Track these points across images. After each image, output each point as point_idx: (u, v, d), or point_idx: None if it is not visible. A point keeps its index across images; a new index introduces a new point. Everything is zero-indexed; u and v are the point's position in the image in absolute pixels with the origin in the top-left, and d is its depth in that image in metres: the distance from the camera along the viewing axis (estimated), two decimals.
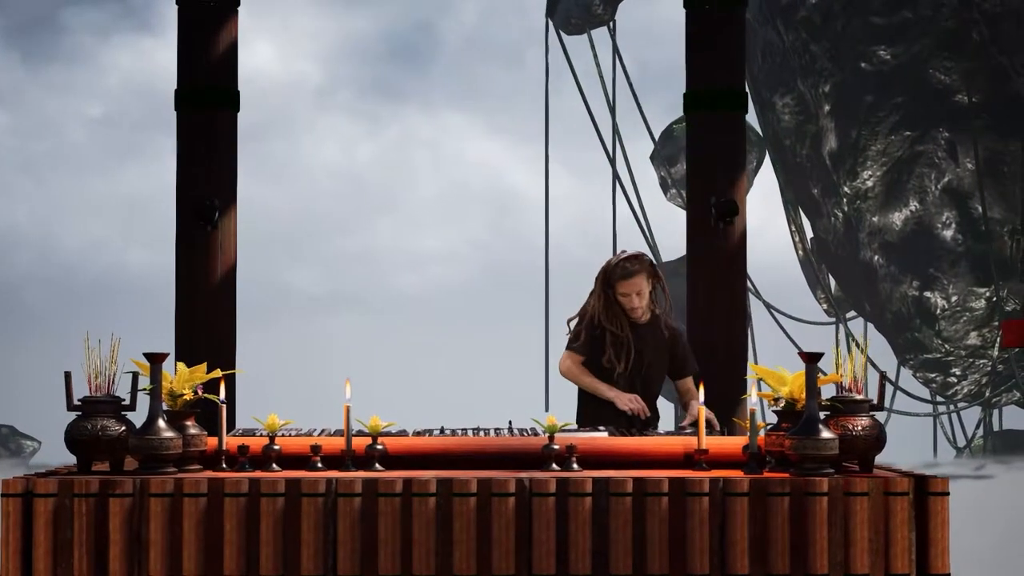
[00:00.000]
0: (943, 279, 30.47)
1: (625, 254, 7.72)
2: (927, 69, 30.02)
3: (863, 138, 30.62)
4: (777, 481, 5.56)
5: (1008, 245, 30.17)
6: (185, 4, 9.48)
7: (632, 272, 7.64)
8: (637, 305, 7.67)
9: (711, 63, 9.27)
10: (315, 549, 5.50)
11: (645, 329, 7.76)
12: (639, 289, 7.65)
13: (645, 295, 7.70)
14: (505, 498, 5.52)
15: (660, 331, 7.79)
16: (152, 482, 5.51)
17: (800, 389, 5.75)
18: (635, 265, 7.65)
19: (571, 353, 7.76)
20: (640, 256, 7.72)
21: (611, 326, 7.68)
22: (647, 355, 7.73)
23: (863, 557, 5.50)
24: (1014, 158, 29.88)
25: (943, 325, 30.61)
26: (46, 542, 5.48)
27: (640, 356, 7.71)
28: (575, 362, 7.74)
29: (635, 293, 7.65)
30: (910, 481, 5.54)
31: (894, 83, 30.22)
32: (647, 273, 7.68)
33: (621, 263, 7.66)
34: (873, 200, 30.81)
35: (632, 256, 7.70)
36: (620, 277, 7.65)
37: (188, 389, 5.89)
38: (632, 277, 7.63)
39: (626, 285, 7.64)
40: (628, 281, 7.64)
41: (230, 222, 9.43)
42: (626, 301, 7.66)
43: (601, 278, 7.72)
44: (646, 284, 7.68)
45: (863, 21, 30.29)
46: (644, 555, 5.51)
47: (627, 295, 7.66)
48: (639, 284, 7.65)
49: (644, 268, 7.67)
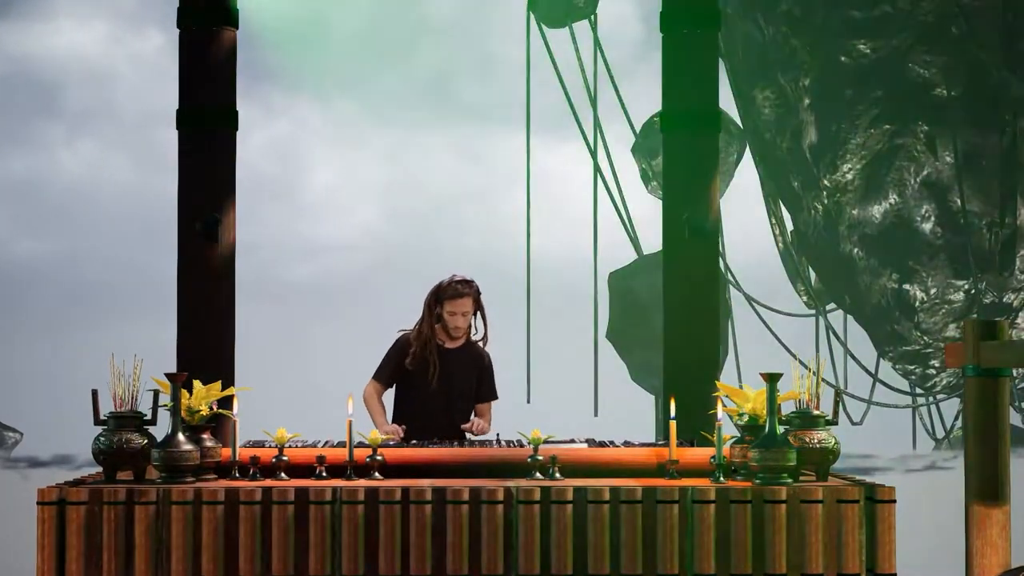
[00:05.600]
0: (922, 272, 30.57)
1: (458, 277, 8.25)
2: (906, 63, 30.10)
3: (843, 132, 30.68)
4: (740, 490, 6.04)
5: (986, 238, 30.28)
6: (185, 27, 9.80)
7: (462, 293, 8.19)
8: (460, 325, 8.22)
9: (686, 84, 9.58)
10: (322, 552, 5.98)
11: (458, 352, 8.30)
12: (465, 310, 8.20)
13: (469, 317, 8.25)
14: (494, 505, 5.99)
15: (472, 356, 8.32)
16: (174, 491, 6.00)
17: (762, 406, 6.23)
18: (466, 288, 8.20)
19: (373, 382, 8.31)
20: (471, 282, 8.26)
21: (423, 349, 8.23)
22: (456, 376, 8.27)
23: (818, 559, 5.99)
24: (992, 152, 30.07)
25: (922, 317, 30.75)
26: (78, 546, 5.96)
27: (450, 377, 8.24)
28: (374, 390, 8.27)
29: (460, 313, 8.20)
30: (860, 490, 6.04)
31: (873, 77, 30.33)
32: (474, 299, 8.24)
33: (454, 284, 8.21)
34: (853, 193, 30.90)
35: (465, 280, 8.24)
36: (450, 296, 8.20)
37: (204, 405, 6.40)
38: (461, 298, 8.19)
39: (454, 304, 8.19)
40: (456, 301, 8.19)
41: (228, 235, 9.72)
42: (451, 320, 8.21)
43: (432, 295, 8.26)
44: (471, 308, 8.24)
45: (843, 15, 30.45)
46: (620, 557, 5.99)
47: (453, 314, 8.20)
48: (465, 306, 8.20)
49: (472, 293, 8.23)
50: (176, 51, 9.89)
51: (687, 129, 9.55)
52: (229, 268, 9.76)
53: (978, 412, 6.22)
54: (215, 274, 9.67)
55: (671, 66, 9.65)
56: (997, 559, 6.14)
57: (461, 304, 8.20)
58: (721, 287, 19.01)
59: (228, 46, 9.80)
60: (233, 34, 9.82)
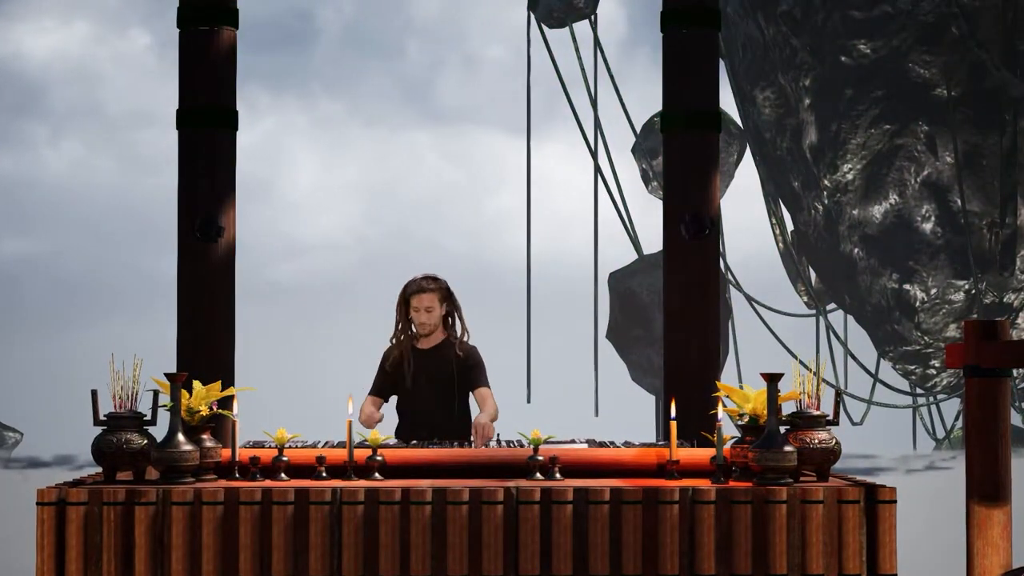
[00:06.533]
0: (922, 272, 30.67)
1: (425, 275, 8.32)
2: (907, 63, 30.22)
3: (843, 131, 30.79)
4: (741, 490, 6.03)
5: (987, 238, 30.39)
6: (185, 27, 9.82)
7: (424, 288, 8.26)
8: (424, 321, 8.26)
9: (687, 84, 9.63)
10: (322, 552, 5.97)
11: (433, 352, 8.35)
12: (428, 306, 8.25)
13: (435, 314, 8.28)
14: (494, 506, 5.99)
15: (448, 354, 8.34)
16: (174, 491, 6.00)
17: (762, 406, 6.24)
18: (430, 284, 8.27)
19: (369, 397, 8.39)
20: (437, 278, 8.33)
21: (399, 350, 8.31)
22: (433, 375, 8.32)
23: (818, 559, 5.99)
24: (992, 151, 30.12)
25: (922, 317, 30.85)
26: (78, 546, 5.95)
27: (427, 377, 8.30)
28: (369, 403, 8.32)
29: (424, 309, 8.25)
30: (861, 490, 6.04)
31: (874, 77, 30.40)
32: (440, 295, 8.29)
33: (417, 280, 8.30)
34: (853, 193, 31.00)
35: (430, 276, 8.32)
36: (413, 292, 8.28)
37: (204, 406, 6.40)
38: (423, 293, 8.25)
39: (417, 299, 8.26)
40: (419, 296, 8.25)
41: (228, 235, 9.74)
42: (416, 316, 8.28)
43: (400, 294, 8.33)
44: (438, 305, 8.28)
45: (843, 15, 30.51)
46: (620, 558, 5.98)
47: (417, 310, 8.26)
48: (429, 301, 8.25)
49: (438, 289, 8.29)
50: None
51: (687, 129, 9.57)
52: (229, 268, 9.79)
53: (979, 412, 6.22)
54: (215, 274, 9.69)
55: (671, 66, 9.68)
56: (998, 560, 6.14)
57: (424, 299, 8.25)
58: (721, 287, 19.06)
59: (228, 46, 9.83)
60: (233, 34, 9.85)
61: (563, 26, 32.82)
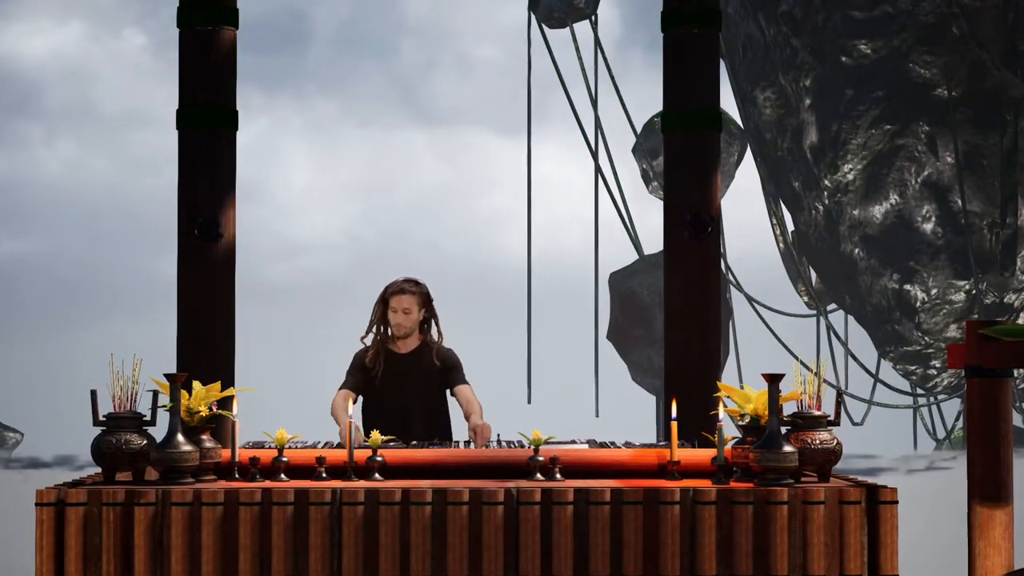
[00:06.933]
0: (923, 272, 30.68)
1: (407, 277, 8.33)
2: (907, 63, 30.22)
3: (844, 132, 30.80)
4: (742, 491, 6.02)
5: (987, 238, 30.39)
6: (185, 27, 9.80)
7: (405, 290, 8.27)
8: (400, 322, 8.27)
9: (687, 84, 9.58)
10: (322, 553, 5.96)
11: (409, 356, 8.35)
12: (406, 307, 8.26)
13: (412, 317, 8.29)
14: (494, 506, 5.97)
15: (424, 359, 8.34)
16: (173, 492, 5.98)
17: (763, 406, 6.23)
18: (411, 287, 8.29)
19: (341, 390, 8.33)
20: (419, 283, 8.34)
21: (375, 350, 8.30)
22: (407, 379, 8.32)
23: (820, 560, 5.98)
24: (993, 152, 30.12)
25: (923, 318, 30.85)
26: (77, 547, 5.94)
27: (400, 380, 8.30)
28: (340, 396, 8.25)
29: (401, 310, 8.26)
30: (862, 491, 6.03)
31: (874, 77, 30.41)
32: (419, 298, 8.31)
33: (399, 281, 8.31)
34: (853, 193, 31.00)
35: (411, 279, 8.34)
36: (393, 292, 8.29)
37: (204, 406, 6.39)
38: (403, 294, 8.26)
39: (395, 300, 8.27)
40: (398, 296, 8.26)
41: (228, 235, 9.72)
42: (392, 316, 8.28)
43: (381, 293, 8.33)
44: (416, 308, 8.29)
45: (844, 15, 30.51)
46: (620, 558, 5.97)
47: (395, 310, 8.27)
48: (407, 303, 8.26)
49: (418, 292, 8.30)
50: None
51: (687, 129, 9.55)
52: (229, 268, 9.77)
53: (980, 413, 6.21)
54: (215, 274, 9.67)
55: (671, 66, 9.65)
56: (1000, 560, 6.13)
57: (403, 300, 8.26)
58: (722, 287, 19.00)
59: (228, 46, 9.81)
60: (233, 34, 9.83)
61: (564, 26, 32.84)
